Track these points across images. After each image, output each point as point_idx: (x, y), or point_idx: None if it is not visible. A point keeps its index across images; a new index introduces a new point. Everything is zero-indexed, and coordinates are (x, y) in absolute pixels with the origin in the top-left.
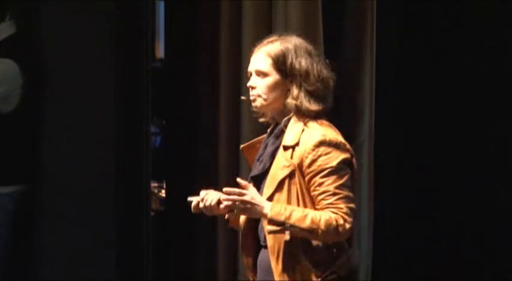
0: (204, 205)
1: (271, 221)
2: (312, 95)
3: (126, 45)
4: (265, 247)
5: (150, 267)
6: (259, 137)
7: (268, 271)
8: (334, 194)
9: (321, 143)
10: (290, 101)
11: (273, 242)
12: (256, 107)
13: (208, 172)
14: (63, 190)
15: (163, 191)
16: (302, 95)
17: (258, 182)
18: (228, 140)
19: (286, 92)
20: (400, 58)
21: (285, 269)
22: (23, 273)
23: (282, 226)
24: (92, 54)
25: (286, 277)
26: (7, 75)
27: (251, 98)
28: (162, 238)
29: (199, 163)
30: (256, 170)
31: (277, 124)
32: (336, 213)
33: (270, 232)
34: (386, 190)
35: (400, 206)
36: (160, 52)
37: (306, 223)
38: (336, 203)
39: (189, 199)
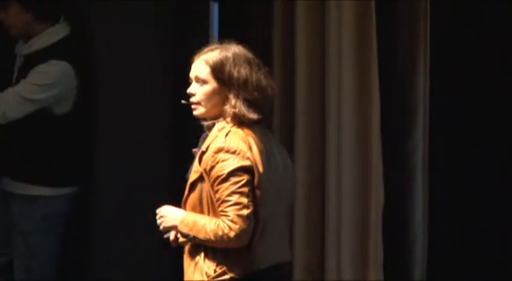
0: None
1: (180, 232)
2: (250, 103)
3: (180, 46)
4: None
5: None
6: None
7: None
8: (224, 201)
9: (220, 150)
10: (228, 108)
11: (184, 245)
12: (195, 114)
13: None
14: (117, 191)
15: None
16: (239, 103)
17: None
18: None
19: (225, 100)
20: (454, 58)
21: (188, 268)
22: (77, 274)
23: (186, 236)
24: (147, 56)
25: (189, 277)
26: (62, 77)
27: (192, 105)
28: None
29: None
30: (187, 175)
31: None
32: (224, 221)
33: (181, 241)
34: (441, 191)
35: (455, 208)
36: None
37: (202, 234)
38: (225, 211)
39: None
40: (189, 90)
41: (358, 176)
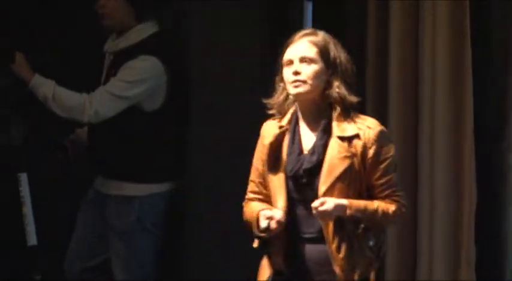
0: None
1: (352, 219)
2: (350, 87)
3: (273, 45)
4: (311, 240)
5: None
6: (276, 132)
7: (323, 262)
8: (395, 183)
9: (382, 134)
10: (333, 92)
11: (333, 234)
12: (299, 92)
13: None
14: (209, 189)
15: None
16: (343, 87)
17: (312, 173)
18: None
19: (325, 83)
20: None
21: (348, 258)
22: (174, 272)
23: (359, 222)
24: (238, 54)
25: (349, 265)
26: (151, 72)
27: (295, 84)
28: None
29: None
30: (308, 163)
31: (297, 117)
32: (398, 201)
33: (348, 230)
34: None
35: None
36: None
37: (378, 216)
38: (397, 191)
39: (265, 226)
40: (295, 69)
41: (451, 177)
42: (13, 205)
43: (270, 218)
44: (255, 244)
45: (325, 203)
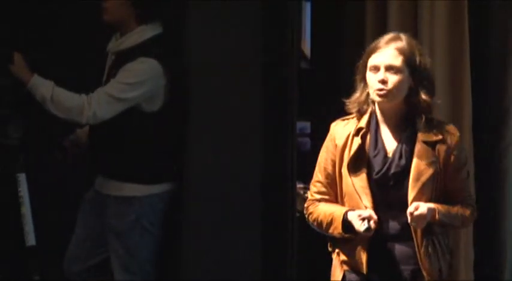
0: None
1: (440, 223)
2: (431, 93)
3: (272, 45)
4: (394, 239)
5: (295, 268)
6: (349, 133)
7: (408, 260)
8: (469, 188)
9: (461, 140)
10: (419, 99)
11: (421, 237)
12: (385, 102)
13: None
14: (208, 190)
15: (308, 192)
16: (428, 94)
17: (401, 178)
18: None
19: (409, 90)
20: None
21: (434, 259)
22: (172, 273)
23: (445, 225)
24: (236, 55)
25: (435, 267)
26: (150, 75)
27: (380, 92)
28: (307, 240)
29: None
30: (397, 167)
31: (376, 120)
32: (472, 205)
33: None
34: None
35: None
36: (307, 52)
37: (458, 220)
38: (470, 195)
39: (365, 226)
40: (381, 77)
41: None
42: (12, 205)
43: (369, 218)
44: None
45: (419, 207)
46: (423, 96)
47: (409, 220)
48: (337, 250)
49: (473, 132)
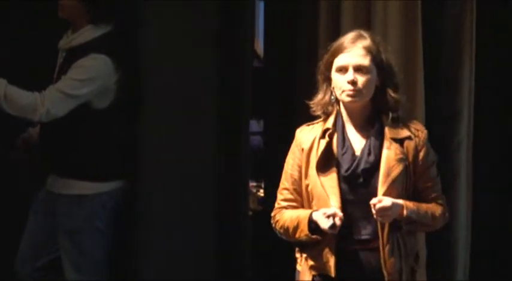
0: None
1: (407, 220)
2: (397, 89)
3: (226, 44)
4: (364, 242)
5: (249, 266)
6: (315, 137)
7: (376, 265)
8: (438, 185)
9: (428, 137)
10: (387, 97)
11: (387, 236)
12: (355, 102)
13: None
14: (161, 189)
15: (261, 191)
16: (395, 91)
17: (370, 174)
18: None
19: (376, 88)
20: (500, 57)
21: (396, 260)
22: (124, 272)
23: (414, 223)
24: (190, 53)
25: (396, 268)
26: (101, 71)
27: (350, 93)
28: (260, 238)
29: None
30: (366, 163)
31: (336, 117)
32: (442, 204)
33: (405, 230)
34: (485, 191)
35: (500, 209)
36: (260, 51)
37: (428, 219)
38: (441, 195)
39: (330, 223)
40: (350, 78)
41: None
42: None
43: (333, 215)
44: (297, 253)
45: (383, 200)
46: (391, 93)
47: (373, 213)
48: (304, 255)
49: (426, 128)
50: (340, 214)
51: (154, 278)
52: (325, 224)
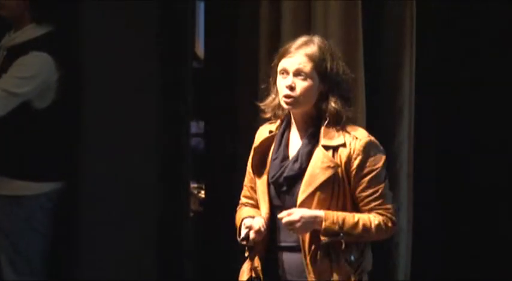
0: (257, 233)
1: (326, 231)
2: (344, 99)
3: (166, 45)
4: (289, 248)
5: (190, 267)
6: (264, 136)
7: (300, 272)
8: (382, 195)
9: (368, 145)
10: (328, 106)
11: (309, 245)
12: (291, 108)
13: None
14: (102, 190)
15: (202, 192)
16: (339, 101)
17: (293, 181)
18: None
19: (319, 96)
20: (440, 57)
21: (323, 269)
22: (61, 273)
23: (336, 235)
24: (132, 54)
25: (324, 277)
26: (42, 68)
27: (287, 99)
28: (201, 239)
29: (238, 165)
30: (290, 171)
31: (288, 122)
32: (384, 215)
33: (325, 242)
34: (426, 190)
35: (441, 207)
36: (200, 52)
37: (358, 230)
38: (384, 204)
39: (241, 236)
40: (288, 83)
41: None
42: None
43: (249, 227)
44: (246, 253)
45: (292, 214)
46: (332, 103)
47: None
48: (248, 256)
49: (367, 129)
50: (257, 227)
51: (96, 278)
52: (240, 234)
